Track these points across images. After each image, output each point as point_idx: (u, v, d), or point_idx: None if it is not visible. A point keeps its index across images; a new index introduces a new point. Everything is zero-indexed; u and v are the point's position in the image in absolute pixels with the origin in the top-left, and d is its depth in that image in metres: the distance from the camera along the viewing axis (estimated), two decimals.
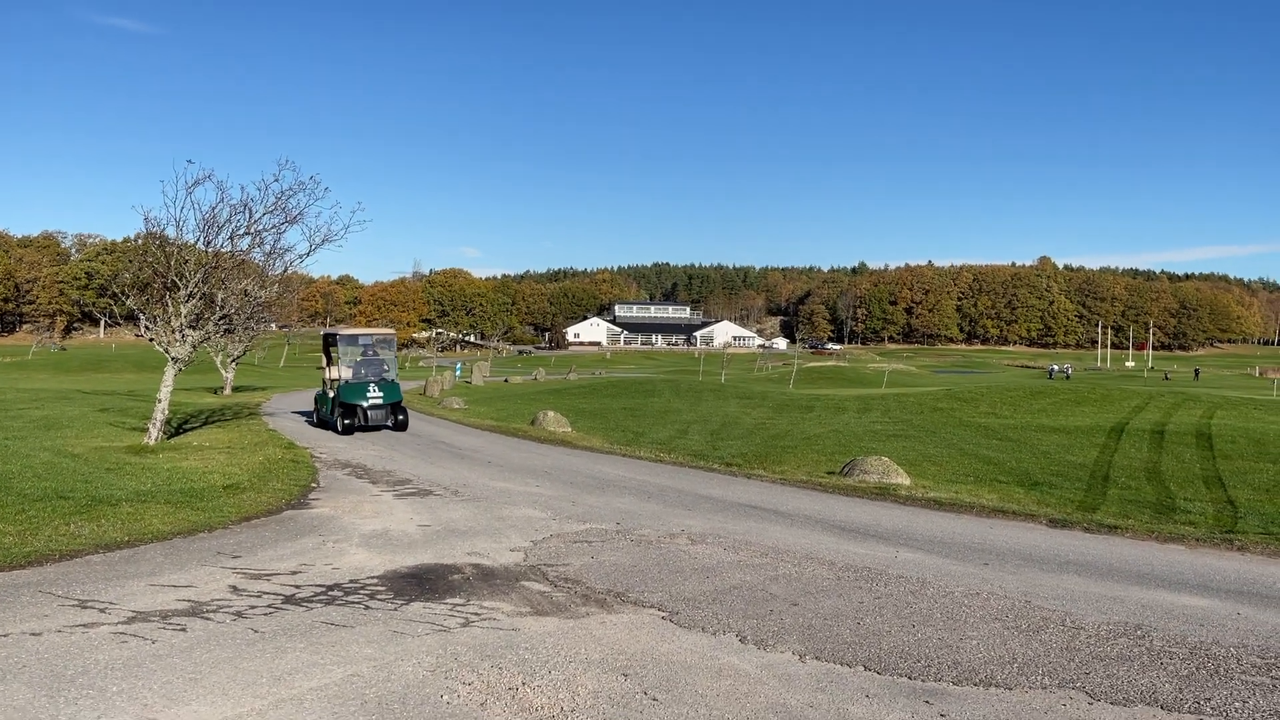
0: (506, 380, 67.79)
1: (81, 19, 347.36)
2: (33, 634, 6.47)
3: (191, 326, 19.78)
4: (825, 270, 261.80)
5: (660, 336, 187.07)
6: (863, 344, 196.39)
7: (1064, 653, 6.28)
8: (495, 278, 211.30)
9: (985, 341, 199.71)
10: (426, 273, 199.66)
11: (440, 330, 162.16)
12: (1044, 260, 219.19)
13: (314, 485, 14.33)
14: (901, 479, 15.76)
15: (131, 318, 20.65)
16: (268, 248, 20.98)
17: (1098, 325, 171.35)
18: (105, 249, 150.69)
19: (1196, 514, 14.58)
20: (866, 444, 23.09)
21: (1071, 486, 17.45)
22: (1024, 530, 11.26)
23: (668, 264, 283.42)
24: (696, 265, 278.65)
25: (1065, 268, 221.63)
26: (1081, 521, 11.97)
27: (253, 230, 19.80)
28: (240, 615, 7.05)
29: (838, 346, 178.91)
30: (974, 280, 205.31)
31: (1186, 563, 9.39)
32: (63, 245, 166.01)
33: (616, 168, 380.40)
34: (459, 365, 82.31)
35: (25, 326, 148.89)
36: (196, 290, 19.37)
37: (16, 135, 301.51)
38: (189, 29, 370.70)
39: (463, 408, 36.03)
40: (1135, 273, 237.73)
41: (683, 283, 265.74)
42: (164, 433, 19.59)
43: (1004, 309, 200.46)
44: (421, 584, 8.14)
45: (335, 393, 23.54)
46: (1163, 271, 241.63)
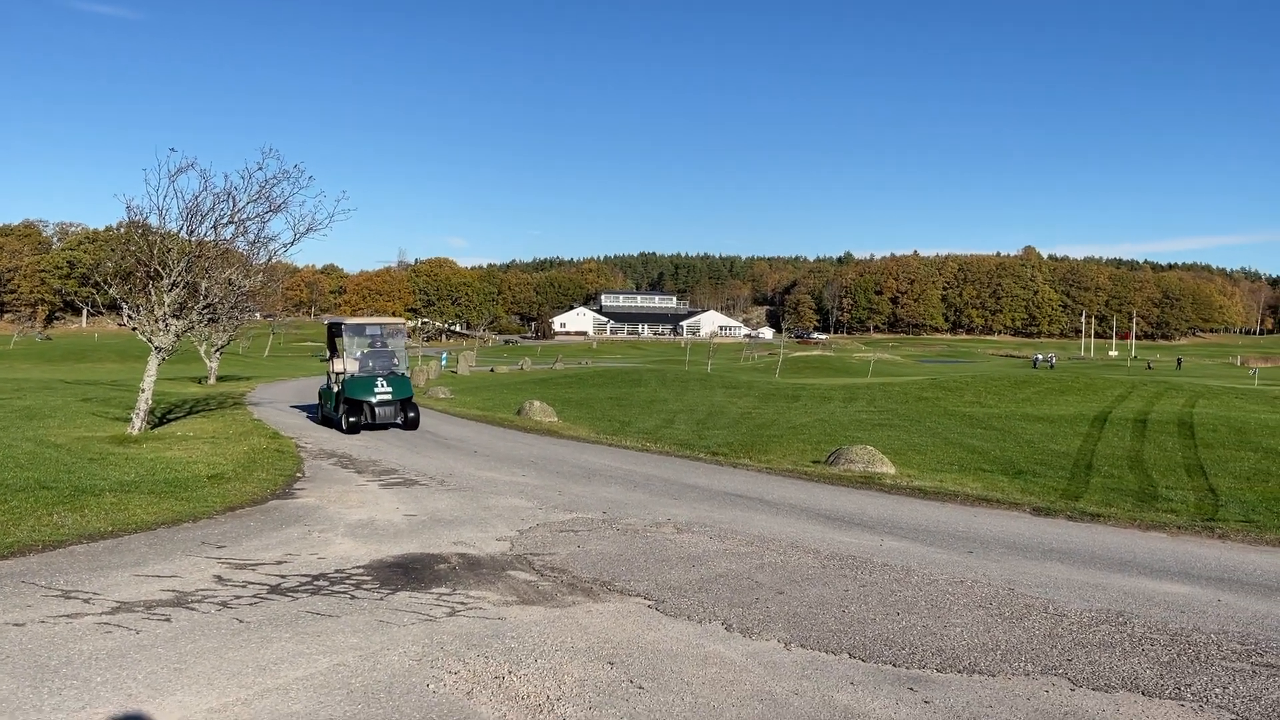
0: (493, 370, 67.72)
1: (63, 4, 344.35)
2: (16, 624, 6.43)
3: (175, 316, 19.64)
4: (811, 260, 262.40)
5: (646, 326, 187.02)
6: (848, 333, 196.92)
7: (1047, 640, 6.33)
8: (481, 267, 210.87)
9: (970, 331, 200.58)
10: (412, 262, 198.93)
11: (426, 320, 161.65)
12: (1029, 250, 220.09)
13: (299, 475, 14.28)
14: (886, 468, 15.83)
15: (114, 307, 20.55)
16: (251, 237, 20.80)
17: (1082, 315, 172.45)
18: (87, 238, 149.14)
19: (1178, 502, 14.71)
20: (852, 433, 23.18)
21: (1055, 475, 17.58)
22: (1008, 518, 11.33)
23: (654, 254, 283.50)
24: (683, 255, 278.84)
25: (1050, 258, 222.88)
26: (1065, 510, 12.05)
27: (236, 219, 19.64)
28: (225, 605, 7.03)
29: (823, 336, 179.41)
30: (959, 270, 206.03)
31: (1168, 550, 9.47)
32: (44, 234, 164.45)
33: (603, 158, 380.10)
34: (445, 355, 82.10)
35: (6, 315, 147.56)
36: (180, 279, 19.22)
37: None
38: (172, 15, 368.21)
39: (448, 397, 35.96)
40: (1119, 262, 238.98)
41: (669, 272, 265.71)
42: (148, 423, 19.46)
43: (989, 299, 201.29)
44: (407, 573, 8.13)
45: (340, 388, 21.84)
46: (1146, 261, 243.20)
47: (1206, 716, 5.05)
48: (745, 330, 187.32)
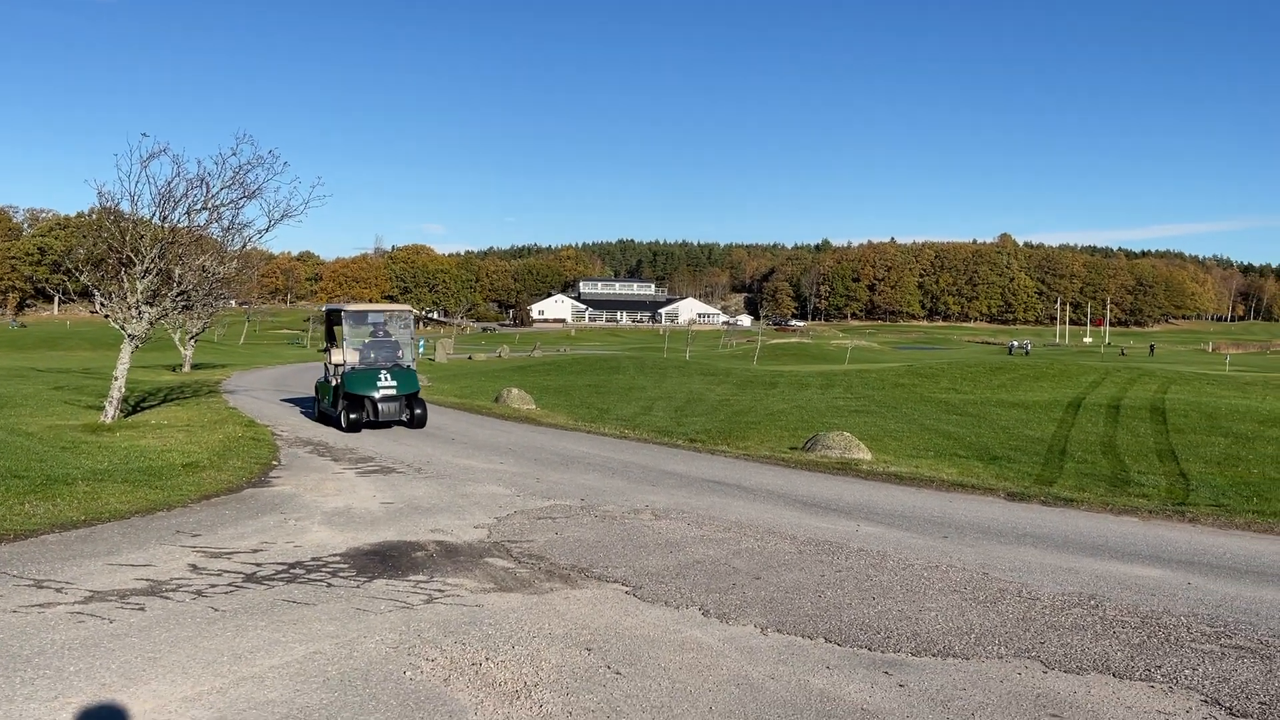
0: (470, 357, 67.56)
1: None
2: None
3: (148, 303, 19.44)
4: (789, 247, 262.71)
5: (625, 313, 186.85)
6: (826, 321, 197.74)
7: (1020, 623, 6.40)
8: (459, 254, 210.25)
9: (946, 318, 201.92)
10: (389, 249, 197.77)
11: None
12: (1004, 238, 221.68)
13: (275, 463, 14.19)
14: (863, 454, 15.92)
15: (86, 294, 20.25)
16: (225, 223, 20.60)
17: (1057, 302, 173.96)
18: (58, 224, 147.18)
19: (1150, 487, 14.88)
20: (829, 420, 23.28)
21: (1029, 460, 17.74)
22: (983, 504, 11.42)
23: (632, 241, 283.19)
24: (661, 242, 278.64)
25: (1025, 245, 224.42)
26: (1039, 495, 12.17)
27: (210, 205, 19.44)
28: (200, 594, 6.98)
29: (801, 323, 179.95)
30: (936, 257, 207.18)
31: (1139, 534, 9.58)
32: (14, 220, 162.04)
33: (581, 144, 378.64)
34: (422, 342, 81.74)
35: None
36: (153, 266, 19.01)
37: None
38: None
39: (426, 385, 35.79)
40: (1094, 250, 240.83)
41: (647, 259, 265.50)
42: (121, 411, 19.28)
43: (965, 286, 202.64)
44: (384, 561, 8.11)
45: (339, 381, 19.70)
46: (1120, 249, 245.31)
47: (1176, 698, 5.12)
48: (724, 317, 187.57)
